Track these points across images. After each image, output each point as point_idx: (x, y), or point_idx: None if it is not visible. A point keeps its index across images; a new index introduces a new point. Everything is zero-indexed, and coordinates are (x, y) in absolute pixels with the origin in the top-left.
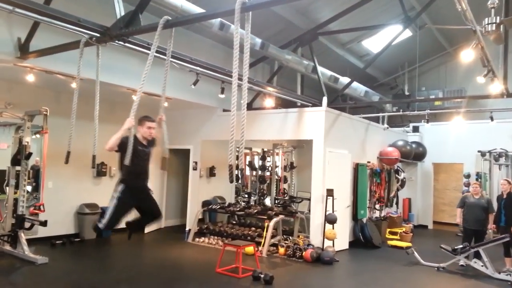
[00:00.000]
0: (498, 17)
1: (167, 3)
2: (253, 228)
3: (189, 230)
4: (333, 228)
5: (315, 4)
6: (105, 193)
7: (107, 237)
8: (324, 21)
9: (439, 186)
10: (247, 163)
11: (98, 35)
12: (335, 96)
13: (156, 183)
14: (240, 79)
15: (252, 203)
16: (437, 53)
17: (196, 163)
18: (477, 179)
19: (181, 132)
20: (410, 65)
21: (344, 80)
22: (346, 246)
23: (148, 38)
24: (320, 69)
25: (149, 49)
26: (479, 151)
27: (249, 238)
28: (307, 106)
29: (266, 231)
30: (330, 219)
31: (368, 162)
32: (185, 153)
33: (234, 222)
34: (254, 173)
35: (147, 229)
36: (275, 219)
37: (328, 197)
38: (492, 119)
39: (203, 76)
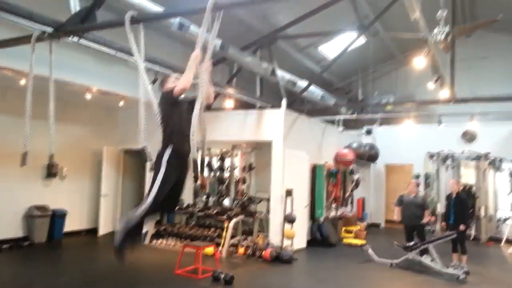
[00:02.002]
0: (447, 27)
1: (124, 1)
2: (213, 229)
3: (146, 232)
4: (292, 228)
5: (273, 9)
6: (56, 195)
7: (59, 238)
8: (283, 25)
9: (390, 186)
10: (205, 164)
11: (51, 30)
12: (293, 98)
13: (111, 184)
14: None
15: (210, 204)
16: (388, 60)
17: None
18: (417, 178)
19: (139, 132)
20: (363, 71)
21: (302, 83)
22: (304, 245)
23: (105, 35)
24: (279, 72)
25: (105, 45)
26: (427, 153)
27: (208, 239)
28: (266, 108)
29: (226, 231)
30: (290, 219)
31: (325, 163)
32: (142, 153)
33: (193, 223)
34: (213, 174)
35: (100, 231)
36: (234, 220)
37: (287, 197)
38: (440, 123)
39: (161, 75)
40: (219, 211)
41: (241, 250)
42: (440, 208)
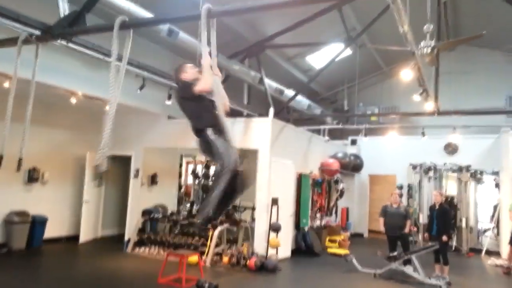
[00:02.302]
0: (433, 41)
1: (114, 5)
2: (197, 237)
3: (129, 240)
4: (277, 237)
5: (262, 18)
6: (37, 201)
7: (39, 245)
8: (271, 35)
9: (374, 196)
10: (190, 171)
11: (39, 32)
12: (280, 107)
13: (93, 190)
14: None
15: (194, 212)
16: (374, 72)
17: (137, 170)
18: (401, 188)
19: (123, 138)
20: (349, 82)
21: (289, 92)
22: (289, 254)
23: (93, 40)
24: (266, 80)
25: (93, 50)
26: (410, 164)
27: (192, 247)
28: (253, 116)
29: (211, 240)
30: (275, 228)
31: (311, 172)
32: (126, 160)
33: (176, 231)
34: (197, 181)
35: (81, 239)
36: (219, 228)
37: (273, 206)
38: (423, 134)
39: (149, 81)
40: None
41: (225, 259)
42: (422, 218)
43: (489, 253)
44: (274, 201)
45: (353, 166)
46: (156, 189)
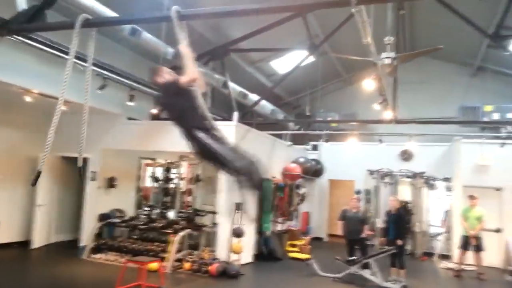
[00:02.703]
0: (393, 53)
1: (77, 3)
2: (157, 243)
3: (85, 245)
4: (239, 242)
5: (227, 21)
6: None
7: None
8: (236, 38)
9: (333, 201)
10: (149, 174)
11: None
12: (244, 111)
13: (47, 193)
14: (147, 86)
15: (153, 216)
16: (335, 78)
17: (95, 173)
18: (358, 193)
19: (80, 139)
20: (311, 88)
21: (253, 96)
22: (251, 259)
23: (51, 36)
24: (230, 84)
25: (51, 47)
26: (368, 170)
27: (152, 253)
28: (216, 120)
29: (172, 246)
30: (238, 233)
31: (273, 177)
32: (82, 162)
33: (135, 236)
34: (157, 184)
35: (33, 244)
36: (181, 233)
37: (236, 211)
38: (381, 142)
39: (108, 81)
40: (165, 225)
41: (186, 265)
42: (379, 223)
43: (441, 256)
44: (237, 206)
45: (314, 171)
46: (113, 192)
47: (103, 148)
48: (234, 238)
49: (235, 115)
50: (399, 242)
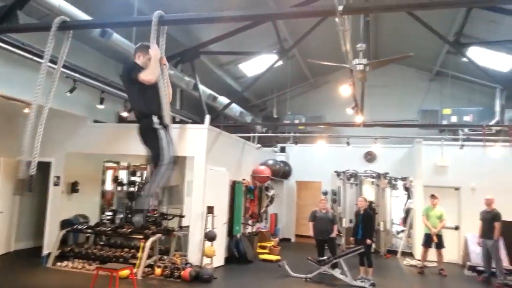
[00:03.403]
0: (365, 59)
1: (48, 4)
2: (126, 249)
3: (49, 253)
4: (212, 245)
5: (197, 24)
6: None
7: None
8: (206, 41)
9: (300, 202)
10: (113, 178)
11: None
12: (214, 114)
13: (7, 200)
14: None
15: (117, 221)
16: (302, 82)
17: (58, 178)
18: (325, 194)
19: (42, 143)
20: (279, 90)
21: (222, 99)
22: (222, 262)
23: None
24: (200, 86)
25: (21, 49)
26: (335, 171)
27: (121, 260)
28: (186, 123)
29: (142, 251)
30: (210, 236)
31: (243, 179)
32: (45, 167)
33: (102, 243)
34: (120, 188)
35: None
36: (152, 239)
37: (208, 214)
38: (348, 144)
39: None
40: (134, 230)
41: (158, 270)
42: (345, 223)
43: (404, 254)
44: (210, 209)
45: (282, 173)
46: (76, 197)
47: (67, 152)
48: (206, 242)
49: (207, 118)
50: (368, 241)
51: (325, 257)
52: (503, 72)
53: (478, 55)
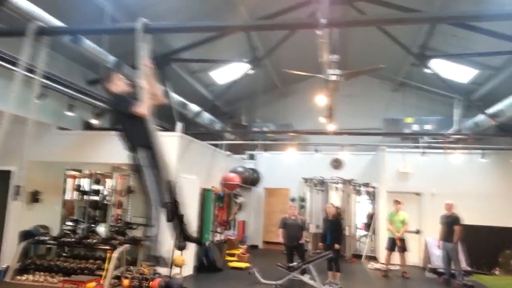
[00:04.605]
0: (339, 70)
1: (19, 9)
2: (92, 260)
3: (7, 266)
4: (181, 254)
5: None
6: None
7: None
8: (177, 48)
9: (268, 209)
10: (75, 187)
11: None
12: (184, 121)
13: None
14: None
15: (79, 231)
16: (271, 90)
17: (19, 187)
18: (293, 201)
19: (2, 151)
20: (248, 98)
21: (193, 106)
22: (192, 271)
23: None
24: (171, 94)
25: None
26: (303, 178)
27: (86, 271)
28: (158, 130)
29: (109, 262)
30: (180, 246)
31: (213, 187)
32: (4, 176)
33: (65, 254)
34: (83, 197)
35: None
36: (120, 249)
37: None
38: (317, 151)
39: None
40: (101, 241)
41: (125, 282)
42: (312, 228)
43: (368, 257)
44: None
45: (252, 180)
46: (37, 207)
47: (30, 160)
48: (176, 251)
49: (179, 125)
50: (337, 246)
51: (294, 263)
52: (463, 83)
53: (440, 67)
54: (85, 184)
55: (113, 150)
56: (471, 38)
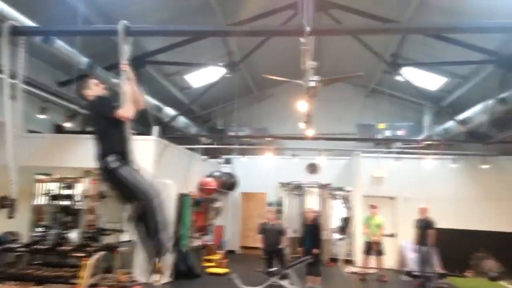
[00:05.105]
0: (318, 76)
1: None
2: (66, 268)
3: None
4: (161, 261)
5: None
6: None
7: None
8: (152, 50)
9: (245, 213)
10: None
11: None
12: (162, 126)
13: None
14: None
15: (50, 238)
16: (247, 94)
17: None
18: (270, 205)
19: None
20: (223, 102)
21: (168, 110)
22: (169, 278)
23: None
24: (146, 97)
25: None
26: (280, 183)
27: (60, 280)
28: (133, 134)
29: (85, 270)
30: (160, 252)
31: (190, 192)
32: None
33: (36, 262)
34: (53, 203)
35: None
36: (96, 256)
37: None
38: (294, 155)
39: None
40: (76, 248)
41: None
42: (289, 233)
43: (345, 261)
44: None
45: (229, 184)
46: (5, 213)
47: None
48: (155, 258)
49: (155, 129)
50: (316, 251)
51: (274, 268)
52: (432, 91)
53: (411, 74)
54: (56, 189)
55: (85, 154)
56: (441, 48)
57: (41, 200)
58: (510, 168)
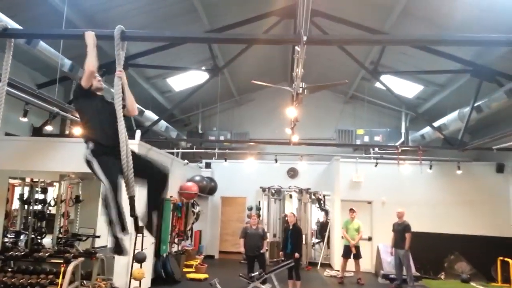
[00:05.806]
0: (303, 83)
1: None
2: (43, 275)
3: None
4: (141, 267)
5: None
6: None
7: None
8: (134, 53)
9: (224, 218)
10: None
11: None
12: (141, 129)
13: None
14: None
15: (22, 244)
16: (228, 98)
17: None
18: (250, 210)
19: None
20: (204, 106)
21: (149, 113)
22: (149, 284)
23: None
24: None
25: None
26: (260, 187)
27: (38, 287)
28: None
29: (63, 277)
30: (139, 258)
31: (171, 196)
32: None
33: (10, 269)
34: (25, 207)
35: None
36: (74, 262)
37: (137, 235)
38: (276, 160)
39: None
40: (53, 254)
41: None
42: (269, 237)
43: (322, 265)
44: (140, 229)
45: (209, 189)
46: None
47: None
48: (135, 264)
49: (138, 133)
50: (297, 255)
51: (256, 273)
52: (409, 98)
53: (389, 82)
54: (30, 193)
55: (62, 157)
56: (419, 57)
57: (14, 205)
58: (483, 174)
